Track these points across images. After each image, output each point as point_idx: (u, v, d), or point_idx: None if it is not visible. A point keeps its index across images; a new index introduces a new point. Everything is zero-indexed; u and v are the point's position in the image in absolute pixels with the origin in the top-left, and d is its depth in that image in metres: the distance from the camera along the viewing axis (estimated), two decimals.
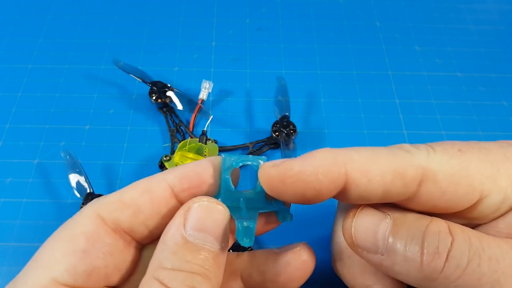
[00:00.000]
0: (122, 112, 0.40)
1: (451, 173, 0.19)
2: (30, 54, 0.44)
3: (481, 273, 0.17)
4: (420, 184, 0.19)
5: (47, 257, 0.19)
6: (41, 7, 0.48)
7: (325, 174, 0.18)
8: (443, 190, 0.19)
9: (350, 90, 0.42)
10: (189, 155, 0.32)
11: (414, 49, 0.46)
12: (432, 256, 0.18)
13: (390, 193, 0.19)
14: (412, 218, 0.19)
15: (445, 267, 0.17)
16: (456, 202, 0.19)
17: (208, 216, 0.19)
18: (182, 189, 0.20)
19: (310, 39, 0.47)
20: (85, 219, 0.20)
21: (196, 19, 0.48)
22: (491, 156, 0.20)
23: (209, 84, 0.40)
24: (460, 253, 0.17)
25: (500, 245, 0.18)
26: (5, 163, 0.36)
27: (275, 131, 0.37)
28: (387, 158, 0.19)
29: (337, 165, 0.19)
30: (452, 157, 0.19)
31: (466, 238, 0.18)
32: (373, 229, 0.19)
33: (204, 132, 0.34)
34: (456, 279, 0.17)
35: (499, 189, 0.19)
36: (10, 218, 0.33)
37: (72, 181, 0.32)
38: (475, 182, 0.19)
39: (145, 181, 0.21)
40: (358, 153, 0.19)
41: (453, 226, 0.19)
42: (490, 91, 0.43)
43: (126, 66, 0.40)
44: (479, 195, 0.19)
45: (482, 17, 0.50)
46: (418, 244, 0.18)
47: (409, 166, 0.19)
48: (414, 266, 0.18)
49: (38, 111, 0.39)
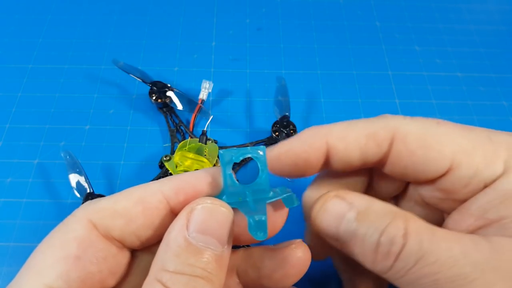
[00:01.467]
0: (122, 112, 0.40)
1: (421, 137, 0.21)
2: (30, 54, 0.44)
3: (423, 274, 0.18)
4: (391, 144, 0.21)
5: (39, 263, 0.18)
6: (41, 7, 0.48)
7: (309, 145, 0.22)
8: (412, 150, 0.21)
9: (350, 90, 0.43)
10: (189, 155, 0.32)
11: (414, 49, 0.46)
12: (384, 256, 0.19)
13: (367, 154, 0.22)
14: (375, 214, 0.20)
15: (393, 267, 0.19)
16: (426, 167, 0.21)
17: (212, 218, 0.18)
18: (178, 201, 0.20)
19: (310, 39, 0.47)
20: (76, 224, 0.19)
21: (196, 19, 0.48)
22: (471, 134, 0.21)
23: (209, 84, 0.40)
24: (408, 256, 0.19)
25: (451, 249, 0.18)
26: (5, 163, 0.36)
27: (275, 131, 0.37)
28: (362, 125, 0.22)
29: (319, 136, 0.22)
30: (427, 125, 0.21)
31: (418, 242, 0.19)
32: (336, 221, 0.21)
33: (204, 132, 0.34)
34: (401, 277, 0.19)
35: (471, 163, 0.20)
36: (10, 218, 0.33)
37: (72, 181, 0.32)
38: (446, 150, 0.20)
39: (140, 190, 0.20)
40: (336, 125, 0.22)
41: (411, 227, 0.19)
42: (490, 91, 0.43)
43: (126, 66, 0.40)
44: (449, 164, 0.20)
45: (482, 17, 0.50)
46: (374, 242, 0.19)
47: (381, 128, 0.22)
48: (369, 260, 0.20)
49: (38, 111, 0.39)
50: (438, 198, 0.23)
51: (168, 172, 0.34)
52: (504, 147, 0.21)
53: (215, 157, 0.34)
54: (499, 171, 0.20)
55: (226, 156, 0.20)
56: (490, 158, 0.20)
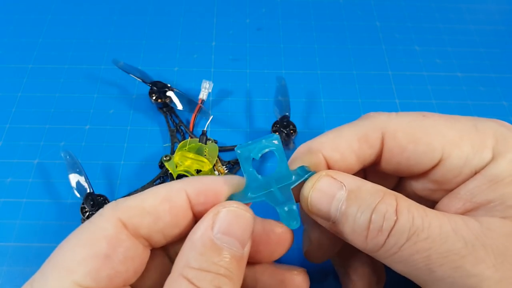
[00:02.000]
0: (122, 112, 0.40)
1: (410, 132, 0.22)
2: (30, 54, 0.44)
3: (415, 251, 0.19)
4: (383, 143, 0.22)
5: (68, 260, 0.19)
6: (41, 7, 0.48)
7: (307, 162, 0.22)
8: (403, 146, 0.22)
9: (350, 90, 0.42)
10: (189, 155, 0.32)
11: (414, 49, 0.46)
12: (376, 232, 0.19)
13: (363, 157, 0.23)
14: (366, 192, 0.20)
15: (385, 243, 0.19)
16: (417, 161, 0.22)
17: (236, 221, 0.19)
18: (198, 202, 0.21)
19: (310, 39, 0.47)
20: (106, 223, 0.19)
21: (196, 19, 0.48)
22: (458, 124, 0.22)
23: (209, 84, 0.40)
24: (400, 233, 0.19)
25: (442, 226, 0.19)
26: (5, 163, 0.36)
27: (275, 131, 0.37)
28: (350, 131, 0.23)
29: (314, 152, 0.22)
30: (413, 119, 0.22)
31: (409, 219, 0.19)
32: (327, 199, 0.21)
33: (204, 132, 0.34)
34: (393, 254, 0.19)
35: (460, 153, 0.21)
36: (10, 218, 0.33)
37: (72, 181, 0.32)
38: (435, 143, 0.21)
39: (165, 189, 0.21)
40: (326, 136, 0.23)
41: (402, 204, 0.20)
42: (490, 91, 0.43)
43: (126, 66, 0.40)
44: (439, 155, 0.21)
45: (482, 17, 0.50)
46: (366, 219, 0.20)
47: (370, 130, 0.22)
48: (360, 239, 0.20)
49: (38, 111, 0.39)
50: (431, 189, 0.23)
51: (168, 172, 0.34)
52: (491, 134, 0.21)
53: (215, 157, 0.34)
54: (487, 158, 0.21)
55: (244, 153, 0.21)
56: (478, 147, 0.21)
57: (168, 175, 0.35)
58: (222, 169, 0.35)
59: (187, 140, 0.34)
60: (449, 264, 0.18)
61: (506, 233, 0.19)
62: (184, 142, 0.34)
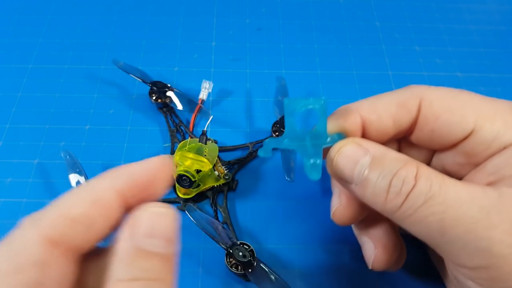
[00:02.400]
0: (122, 112, 0.40)
1: (446, 102, 0.23)
2: (30, 54, 0.44)
3: (430, 213, 0.20)
4: (419, 110, 0.23)
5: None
6: (41, 7, 0.48)
7: (344, 120, 0.24)
8: (437, 114, 0.23)
9: (350, 90, 0.42)
10: (189, 155, 0.32)
11: (414, 49, 0.46)
12: (394, 195, 0.21)
13: (399, 121, 0.24)
14: (389, 160, 0.22)
15: (402, 205, 0.21)
16: (450, 130, 0.23)
17: (159, 221, 0.18)
18: (132, 196, 0.19)
19: (310, 39, 0.47)
20: (31, 245, 0.17)
21: (196, 19, 0.48)
22: (494, 103, 0.23)
23: (209, 84, 0.39)
24: (417, 196, 0.20)
25: (459, 192, 0.20)
26: (5, 163, 0.36)
27: (275, 131, 0.37)
28: (390, 96, 0.24)
29: (351, 111, 0.24)
30: (451, 92, 0.23)
31: (427, 184, 0.20)
32: (351, 164, 0.22)
33: (204, 132, 0.34)
34: (409, 215, 0.21)
35: (492, 127, 0.22)
36: (10, 218, 0.33)
37: (72, 181, 0.32)
38: (469, 115, 0.22)
39: (89, 189, 0.18)
40: (366, 100, 0.24)
41: (422, 171, 0.21)
42: (490, 91, 0.43)
43: (126, 66, 0.40)
44: (471, 127, 0.22)
45: (482, 17, 0.50)
46: (386, 183, 0.21)
47: (408, 96, 0.24)
48: (379, 201, 0.21)
49: (38, 111, 0.39)
50: (460, 164, 0.24)
51: None
52: None
53: (215, 157, 0.34)
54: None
55: (290, 105, 0.23)
56: (510, 124, 0.22)
57: None
58: (222, 169, 0.35)
59: (187, 140, 0.34)
60: (462, 227, 0.19)
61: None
62: (184, 142, 0.34)
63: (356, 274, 0.31)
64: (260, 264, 0.29)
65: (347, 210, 0.26)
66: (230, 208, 0.34)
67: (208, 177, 0.33)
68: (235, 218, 0.34)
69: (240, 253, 0.29)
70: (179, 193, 0.34)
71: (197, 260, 0.32)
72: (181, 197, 0.34)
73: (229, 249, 0.29)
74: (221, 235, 0.29)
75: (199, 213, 0.30)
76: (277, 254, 0.32)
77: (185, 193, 0.33)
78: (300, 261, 0.32)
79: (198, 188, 0.33)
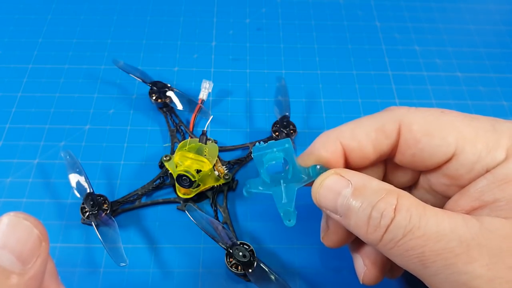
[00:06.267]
0: (122, 112, 0.40)
1: (425, 125, 0.23)
2: (30, 54, 0.44)
3: (410, 247, 0.20)
4: (399, 134, 0.23)
5: None
6: (41, 7, 0.48)
7: (325, 150, 0.24)
8: (417, 138, 0.23)
9: (350, 90, 0.42)
10: (189, 155, 0.32)
11: (414, 49, 0.46)
12: (374, 228, 0.21)
13: (379, 147, 0.24)
14: (370, 190, 0.21)
15: (383, 238, 0.21)
16: (431, 154, 0.23)
17: (12, 232, 0.17)
18: None
19: (310, 39, 0.47)
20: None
21: (196, 19, 0.48)
22: (475, 122, 0.22)
23: (209, 84, 0.39)
24: (396, 229, 0.20)
25: (439, 224, 0.19)
26: (5, 163, 0.36)
27: (275, 131, 0.37)
28: (369, 121, 0.24)
29: (332, 140, 0.24)
30: (431, 114, 0.23)
31: (407, 217, 0.20)
32: (333, 196, 0.22)
33: (204, 132, 0.34)
34: (390, 248, 0.21)
35: (474, 150, 0.21)
36: None
37: (72, 181, 0.32)
38: (450, 137, 0.22)
39: None
40: (346, 126, 0.25)
41: (401, 203, 0.20)
42: (490, 91, 0.43)
43: (126, 66, 0.40)
44: (453, 150, 0.22)
45: (482, 17, 0.50)
46: (366, 216, 0.21)
47: (387, 120, 0.24)
48: (361, 232, 0.22)
49: (38, 111, 0.39)
50: (445, 184, 0.24)
51: (168, 172, 0.34)
52: (507, 135, 0.21)
53: (215, 157, 0.34)
54: (500, 158, 0.21)
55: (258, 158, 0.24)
56: (492, 145, 0.21)
57: (168, 175, 0.35)
58: (222, 169, 0.35)
59: (187, 140, 0.34)
60: (441, 261, 0.19)
61: (505, 235, 0.19)
62: (184, 142, 0.34)
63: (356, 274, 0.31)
64: (260, 264, 0.29)
65: (335, 235, 0.26)
66: (230, 208, 0.34)
67: (208, 177, 0.33)
68: (235, 218, 0.34)
69: (240, 253, 0.29)
70: (179, 193, 0.34)
71: (197, 260, 0.32)
72: (181, 197, 0.34)
73: (229, 249, 0.29)
74: (221, 235, 0.29)
75: (199, 213, 0.30)
76: (277, 254, 0.32)
77: (185, 193, 0.33)
78: (300, 261, 0.32)
79: (198, 188, 0.33)
